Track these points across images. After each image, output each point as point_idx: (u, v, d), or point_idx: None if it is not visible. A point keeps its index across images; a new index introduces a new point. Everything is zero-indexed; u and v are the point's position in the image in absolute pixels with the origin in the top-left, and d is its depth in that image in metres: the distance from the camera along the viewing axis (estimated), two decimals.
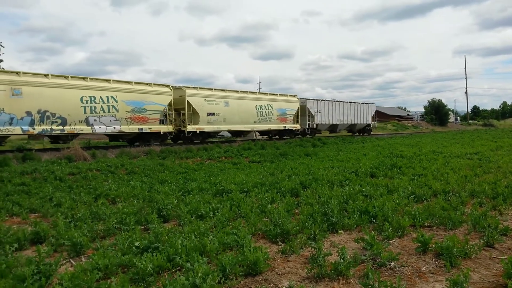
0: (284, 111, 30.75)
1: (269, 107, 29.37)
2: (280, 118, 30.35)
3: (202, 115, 24.41)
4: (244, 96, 27.92)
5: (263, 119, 28.87)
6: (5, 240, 4.97)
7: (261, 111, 28.76)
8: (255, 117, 28.29)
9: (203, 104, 24.53)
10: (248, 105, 27.82)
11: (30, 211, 7.45)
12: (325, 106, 35.39)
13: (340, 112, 37.29)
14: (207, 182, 9.89)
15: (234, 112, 26.54)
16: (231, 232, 5.19)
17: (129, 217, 6.09)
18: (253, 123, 28.12)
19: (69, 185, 10.16)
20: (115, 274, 4.02)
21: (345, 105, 38.35)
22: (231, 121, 26.33)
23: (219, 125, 25.70)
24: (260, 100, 28.89)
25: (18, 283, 3.58)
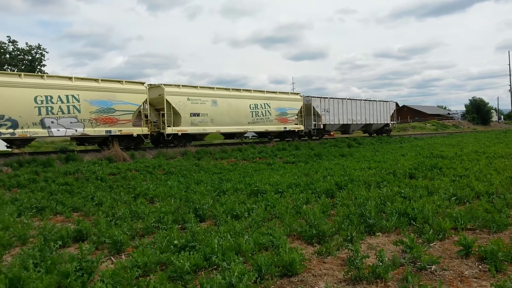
0: (284, 111, 27.72)
1: (266, 106, 26.44)
2: (279, 118, 27.38)
3: (184, 115, 21.97)
4: (236, 95, 25.10)
5: (259, 120, 26.04)
6: (50, 237, 5.20)
7: (256, 110, 25.85)
8: (249, 117, 25.45)
9: (185, 104, 22.06)
10: (241, 104, 25.02)
11: (73, 210, 7.76)
12: (334, 104, 31.95)
13: (353, 111, 33.59)
14: (242, 182, 9.95)
15: (224, 112, 23.95)
16: (266, 233, 5.20)
17: (166, 216, 6.22)
18: (246, 124, 25.32)
19: (110, 185, 10.51)
20: (154, 272, 4.12)
21: (358, 103, 34.51)
22: (220, 122, 23.74)
23: (206, 127, 23.10)
24: (255, 99, 26.03)
25: (62, 279, 3.73)
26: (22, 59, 49.45)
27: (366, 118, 35.02)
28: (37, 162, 14.60)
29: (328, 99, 31.52)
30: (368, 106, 35.39)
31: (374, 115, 35.83)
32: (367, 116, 35.19)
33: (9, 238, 5.40)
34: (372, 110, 35.67)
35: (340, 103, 32.68)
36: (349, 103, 33.48)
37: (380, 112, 36.58)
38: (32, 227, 6.11)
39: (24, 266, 3.90)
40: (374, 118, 35.88)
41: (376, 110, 36.14)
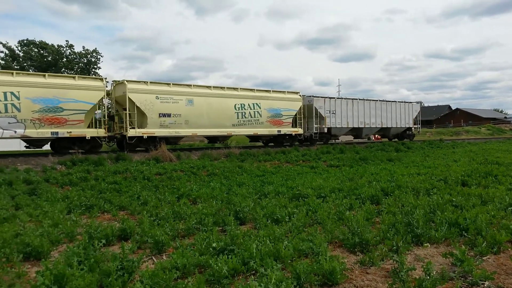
0: (278, 112, 24.46)
1: (255, 107, 23.34)
2: (271, 121, 24.14)
3: (151, 116, 19.45)
4: (218, 93, 22.10)
5: (246, 122, 22.98)
6: (95, 235, 5.38)
7: (242, 111, 22.82)
8: (233, 119, 22.45)
9: (153, 103, 19.53)
10: (224, 104, 22.08)
11: (120, 208, 8.02)
12: (342, 105, 28.12)
13: (366, 113, 29.59)
14: (284, 185, 9.85)
15: (202, 112, 21.16)
16: (306, 239, 5.07)
17: (207, 218, 6.26)
18: (230, 126, 22.37)
19: (156, 185, 10.78)
20: (192, 274, 4.13)
21: (372, 104, 30.29)
22: (197, 124, 20.95)
23: (178, 129, 20.35)
24: (241, 98, 22.89)
25: (104, 278, 3.83)
26: (77, 62, 52.22)
27: (382, 121, 30.80)
28: (89, 161, 15.28)
29: (334, 99, 28.13)
30: (386, 108, 31.28)
31: (393, 118, 31.70)
32: (384, 119, 30.98)
33: (58, 234, 5.64)
34: (391, 113, 31.54)
35: (350, 104, 28.91)
36: (360, 104, 29.60)
37: (401, 114, 32.45)
38: (80, 224, 6.37)
39: (68, 263, 4.04)
40: (392, 121, 31.71)
41: (396, 112, 32.00)
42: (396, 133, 32.85)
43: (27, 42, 49.50)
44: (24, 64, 48.84)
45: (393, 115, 31.59)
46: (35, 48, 50.16)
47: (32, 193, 9.56)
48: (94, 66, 53.45)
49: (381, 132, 32.62)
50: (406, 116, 32.83)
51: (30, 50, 49.76)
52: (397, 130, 32.65)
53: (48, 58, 49.68)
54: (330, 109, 27.11)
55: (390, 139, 33.01)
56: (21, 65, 48.22)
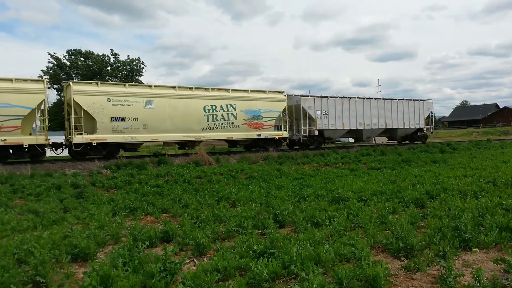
0: (257, 114, 22.19)
1: (229, 108, 21.27)
2: (249, 123, 21.93)
3: (102, 120, 17.72)
4: (184, 94, 20.25)
5: (219, 125, 20.98)
6: (139, 237, 5.53)
7: (214, 113, 20.80)
8: (202, 122, 20.47)
9: (103, 106, 17.74)
10: (191, 106, 20.22)
11: (162, 211, 8.20)
12: (336, 105, 25.39)
13: (366, 113, 26.76)
14: (323, 188, 9.72)
15: (164, 116, 19.39)
16: (348, 243, 4.97)
17: (247, 221, 6.28)
18: (199, 130, 20.37)
19: (196, 188, 10.96)
20: (233, 277, 4.15)
21: (374, 103, 27.39)
22: (157, 129, 19.15)
23: (135, 134, 18.52)
24: (213, 99, 20.91)
25: (147, 279, 3.92)
26: (121, 70, 54.25)
27: (387, 121, 27.79)
28: (133, 165, 15.79)
29: (327, 98, 25.32)
30: (390, 107, 28.19)
31: (399, 118, 28.54)
32: (389, 120, 27.94)
33: (104, 236, 5.85)
34: (396, 112, 28.42)
35: (346, 104, 26.02)
36: (359, 104, 26.69)
37: (409, 114, 29.17)
38: (124, 226, 6.57)
39: (114, 265, 4.17)
40: (399, 122, 28.56)
41: (403, 112, 28.81)
42: (404, 134, 29.83)
43: (74, 52, 52.01)
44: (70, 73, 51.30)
45: (400, 115, 28.61)
46: (81, 57, 52.58)
47: (79, 197, 9.98)
48: (137, 73, 55.35)
49: (387, 134, 29.82)
50: (416, 116, 29.60)
51: (77, 59, 52.21)
52: (406, 132, 29.63)
53: (93, 67, 51.95)
54: (322, 110, 24.66)
55: (400, 142, 30.19)
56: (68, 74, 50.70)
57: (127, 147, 19.41)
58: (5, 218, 7.27)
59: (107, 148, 18.40)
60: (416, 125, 29.55)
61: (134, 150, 20.23)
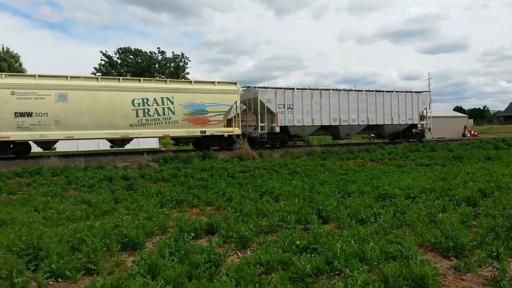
0: (200, 108, 19.54)
1: (165, 102, 18.73)
2: (191, 119, 19.36)
3: (3, 116, 15.90)
4: (108, 86, 17.83)
5: (152, 121, 18.48)
6: (185, 228, 5.69)
7: (145, 108, 18.30)
8: (131, 117, 18.03)
9: (6, 100, 15.93)
10: (116, 100, 17.73)
11: (207, 203, 8.38)
12: (304, 98, 22.21)
13: (342, 107, 23.42)
14: (369, 185, 9.51)
15: (82, 110, 17.11)
16: (394, 241, 4.84)
17: (290, 216, 6.27)
18: (127, 127, 17.98)
19: (239, 182, 11.08)
20: (276, 271, 4.16)
21: (352, 96, 23.80)
22: (73, 125, 16.96)
23: (45, 131, 16.52)
24: (144, 91, 18.35)
25: (193, 269, 4.03)
26: (168, 67, 55.73)
27: (370, 116, 24.37)
28: (179, 159, 16.23)
29: (292, 90, 22.20)
30: (375, 100, 24.58)
31: (386, 112, 25.01)
32: (372, 114, 24.46)
33: (152, 227, 6.06)
34: (382, 106, 24.83)
35: (317, 96, 22.63)
36: (333, 96, 23.22)
37: (399, 108, 25.51)
38: (171, 218, 6.77)
39: (161, 254, 4.32)
40: (386, 117, 25.00)
41: (390, 106, 25.16)
42: (394, 131, 26.24)
43: (124, 50, 54.03)
44: (121, 70, 53.38)
45: (387, 109, 25.07)
46: (131, 55, 54.54)
47: (129, 188, 10.40)
48: (183, 70, 56.64)
49: (372, 130, 26.43)
50: (408, 110, 25.93)
51: (127, 57, 54.22)
52: (395, 128, 25.99)
53: (142, 64, 53.74)
54: (285, 103, 21.75)
55: (393, 140, 26.71)
56: (119, 71, 52.78)
57: (41, 146, 17.57)
58: (61, 208, 7.74)
59: (14, 146, 16.88)
60: (409, 120, 26.01)
61: (48, 149, 17.91)
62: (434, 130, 41.90)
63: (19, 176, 12.54)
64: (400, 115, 25.50)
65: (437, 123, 43.26)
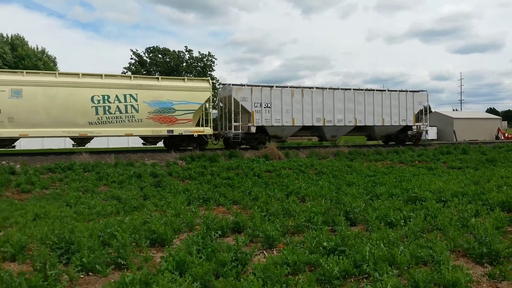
0: (167, 106, 18.55)
1: (128, 99, 17.78)
2: (157, 117, 18.38)
3: None
4: (65, 82, 17.01)
5: (113, 119, 17.64)
6: (212, 226, 5.73)
7: (106, 105, 17.50)
8: (90, 115, 17.26)
9: None
10: (75, 96, 16.98)
11: (233, 202, 8.42)
12: (283, 96, 20.87)
13: (327, 106, 21.92)
14: (398, 187, 9.31)
15: (37, 107, 16.44)
16: (425, 245, 4.72)
17: (317, 217, 6.21)
18: (86, 125, 17.25)
19: (265, 181, 11.08)
20: (303, 272, 4.13)
21: (338, 95, 22.34)
22: (28, 122, 16.31)
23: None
24: (105, 88, 17.53)
25: (219, 267, 4.05)
26: (195, 66, 56.33)
27: (358, 117, 22.88)
28: (206, 157, 16.37)
29: (270, 88, 20.81)
30: (363, 100, 22.95)
31: (377, 112, 23.38)
32: (360, 115, 22.92)
33: (179, 224, 6.14)
34: (372, 106, 23.27)
35: (298, 95, 21.17)
36: (317, 95, 21.71)
37: (391, 108, 23.77)
38: (198, 215, 6.85)
39: (188, 251, 4.36)
40: (376, 118, 23.38)
41: (381, 106, 23.49)
42: (386, 133, 24.63)
43: (153, 49, 54.99)
44: (151, 70, 54.35)
45: (378, 109, 23.43)
46: (159, 54, 55.45)
47: (157, 185, 10.57)
48: (210, 69, 57.14)
49: (362, 132, 24.74)
50: (402, 111, 24.14)
51: (156, 56, 55.16)
52: (387, 130, 24.35)
53: (171, 63, 54.55)
54: (262, 102, 20.41)
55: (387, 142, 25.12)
56: (148, 70, 53.76)
57: None
58: (92, 203, 7.95)
59: None
60: (402, 122, 24.24)
61: (3, 147, 17.08)
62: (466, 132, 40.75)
63: (52, 172, 12.96)
64: (393, 116, 23.95)
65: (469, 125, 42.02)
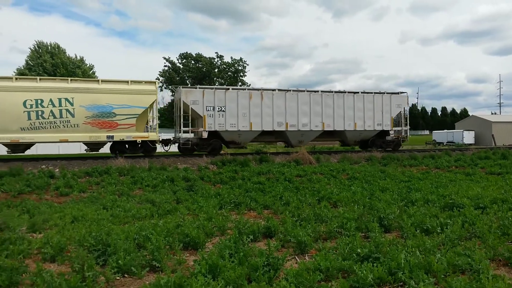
0: (107, 110, 17.53)
1: (63, 103, 16.92)
2: (95, 122, 17.39)
3: None
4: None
5: (47, 124, 16.82)
6: (244, 231, 5.76)
7: (39, 109, 16.69)
8: (22, 120, 16.52)
9: None
10: (5, 101, 16.34)
11: (264, 207, 8.42)
12: (239, 99, 19.67)
13: (290, 110, 20.60)
14: (434, 193, 9.05)
15: None
16: (463, 253, 4.56)
17: (349, 222, 6.12)
18: (17, 130, 16.48)
19: (296, 186, 11.03)
20: (336, 278, 4.08)
21: (303, 98, 20.87)
22: None
23: None
24: (39, 91, 16.75)
25: (252, 271, 4.06)
26: (227, 71, 56.92)
27: (326, 121, 21.23)
28: (237, 162, 16.48)
29: (224, 91, 19.79)
30: (332, 103, 21.37)
31: (348, 116, 21.72)
32: (329, 119, 21.31)
33: (211, 228, 6.21)
34: (343, 109, 21.59)
35: (256, 97, 19.84)
36: (278, 97, 20.35)
37: (364, 111, 22.04)
38: (229, 219, 6.89)
39: (221, 255, 4.40)
40: (347, 122, 21.73)
41: (353, 109, 21.83)
42: (360, 138, 22.68)
43: (186, 55, 56.01)
44: (184, 76, 55.36)
45: (349, 112, 21.77)
46: (192, 60, 56.42)
47: (189, 189, 10.73)
48: (241, 74, 57.60)
49: (335, 137, 23.04)
50: (377, 114, 22.31)
51: (188, 62, 56.15)
52: (361, 135, 22.46)
53: (203, 69, 55.38)
54: (216, 105, 19.31)
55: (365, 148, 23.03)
56: (182, 77, 54.76)
57: None
58: (127, 206, 8.16)
59: None
60: (378, 126, 22.39)
61: None
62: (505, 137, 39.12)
63: (89, 175, 13.40)
64: (366, 120, 22.18)
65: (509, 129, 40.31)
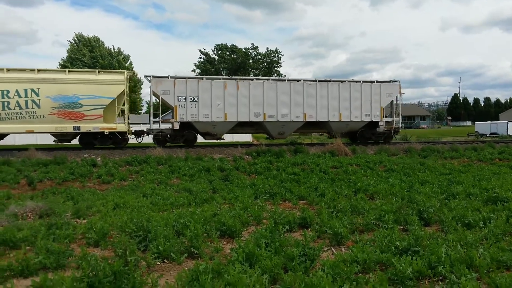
0: (73, 101, 17.31)
1: (29, 94, 16.89)
2: (61, 113, 17.25)
3: None
4: None
5: (13, 115, 16.85)
6: (279, 221, 5.78)
7: (5, 100, 16.76)
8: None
9: None
10: None
11: (299, 198, 8.41)
12: (213, 89, 18.88)
13: (269, 100, 19.60)
14: (476, 186, 8.72)
15: None
16: (507, 249, 4.40)
17: (387, 215, 6.03)
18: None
19: (332, 177, 10.93)
20: (373, 271, 4.04)
21: (283, 87, 19.81)
22: None
23: None
24: (5, 82, 16.78)
25: (288, 261, 4.08)
26: (262, 62, 56.84)
27: (308, 112, 20.15)
28: (271, 152, 16.50)
29: (197, 80, 19.00)
30: (315, 92, 20.18)
31: (332, 107, 20.42)
32: (311, 109, 20.17)
33: (247, 217, 6.28)
34: (327, 99, 20.32)
35: (231, 87, 19.07)
36: (255, 87, 19.38)
37: (351, 101, 20.66)
38: (265, 209, 6.94)
39: (257, 244, 4.45)
40: (332, 113, 20.44)
41: (338, 99, 20.47)
42: (346, 130, 21.30)
43: (221, 47, 56.37)
44: (219, 67, 55.80)
45: (334, 102, 20.46)
46: (227, 51, 56.72)
47: (225, 179, 10.87)
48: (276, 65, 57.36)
49: (320, 128, 21.76)
50: (365, 104, 20.88)
51: (224, 53, 56.50)
52: (348, 127, 21.06)
53: (238, 60, 55.56)
54: (188, 95, 18.62)
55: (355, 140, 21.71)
56: (216, 68, 55.23)
57: None
58: (165, 194, 8.39)
59: None
60: (365, 117, 20.97)
61: None
62: None
63: (129, 164, 13.84)
64: (353, 110, 20.78)
65: None
